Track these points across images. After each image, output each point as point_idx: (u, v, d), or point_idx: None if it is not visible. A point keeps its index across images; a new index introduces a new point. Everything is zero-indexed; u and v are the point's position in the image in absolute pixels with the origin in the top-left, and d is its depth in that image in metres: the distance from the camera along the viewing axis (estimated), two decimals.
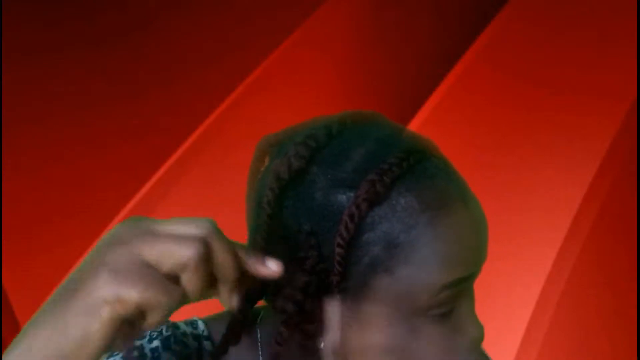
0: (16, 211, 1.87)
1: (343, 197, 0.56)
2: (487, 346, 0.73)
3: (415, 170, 0.57)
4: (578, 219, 1.72)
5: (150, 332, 0.65)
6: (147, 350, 0.64)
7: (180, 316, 0.67)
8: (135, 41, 2.13)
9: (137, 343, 0.64)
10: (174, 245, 0.49)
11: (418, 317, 0.58)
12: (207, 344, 0.66)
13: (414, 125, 1.89)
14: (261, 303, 0.61)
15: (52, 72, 2.05)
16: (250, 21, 2.18)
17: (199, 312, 0.70)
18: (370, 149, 0.57)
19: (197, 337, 0.66)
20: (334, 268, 0.56)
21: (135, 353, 0.63)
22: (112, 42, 2.11)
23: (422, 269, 0.56)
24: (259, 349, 0.63)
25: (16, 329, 1.76)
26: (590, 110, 1.86)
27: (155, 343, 0.64)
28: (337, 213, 0.56)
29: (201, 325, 0.67)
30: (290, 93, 2.14)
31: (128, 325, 0.49)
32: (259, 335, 0.64)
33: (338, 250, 0.55)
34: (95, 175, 2.00)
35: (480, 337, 0.61)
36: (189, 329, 0.66)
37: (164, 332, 0.65)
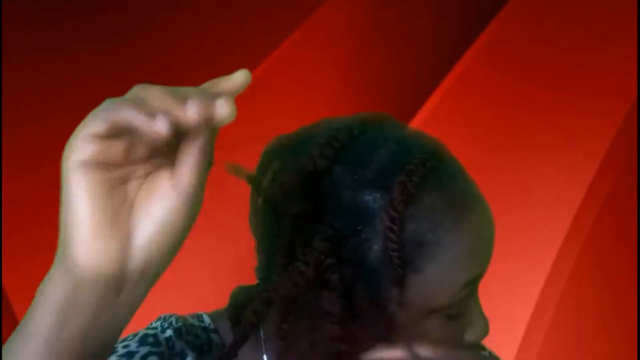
0: (16, 211, 1.87)
1: (369, 198, 0.56)
2: (487, 346, 0.73)
3: (437, 170, 0.58)
4: (578, 219, 1.72)
5: (162, 323, 0.65)
6: (161, 339, 0.64)
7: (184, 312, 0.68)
8: (135, 41, 2.13)
9: (151, 332, 0.64)
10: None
11: (434, 315, 0.59)
12: (214, 337, 0.66)
13: (414, 125, 1.89)
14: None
15: (52, 72, 2.05)
16: (250, 21, 2.18)
17: (200, 308, 0.70)
18: (392, 150, 0.58)
19: (205, 330, 0.67)
20: (368, 269, 0.56)
21: (150, 339, 0.64)
22: (112, 42, 2.11)
23: (448, 268, 0.57)
24: (263, 346, 0.64)
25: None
26: (590, 110, 1.86)
27: (169, 332, 0.64)
28: (363, 214, 0.56)
29: (207, 319, 0.68)
30: (290, 93, 2.14)
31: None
32: (262, 333, 0.64)
33: (394, 254, 0.55)
34: None
35: (486, 333, 0.62)
36: (196, 322, 0.67)
37: (174, 323, 0.65)
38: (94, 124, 0.43)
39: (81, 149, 0.43)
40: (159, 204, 0.45)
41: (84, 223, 0.43)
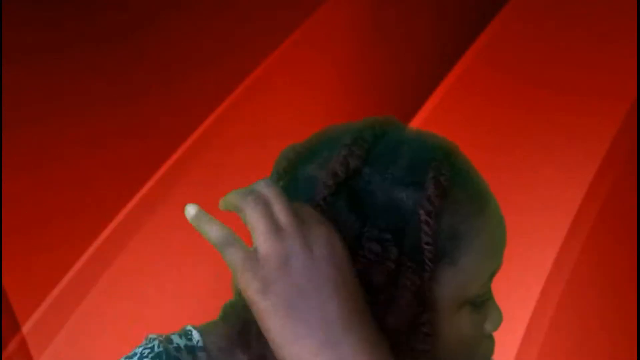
0: (16, 211, 1.87)
1: (403, 195, 0.57)
2: None
3: (456, 164, 0.60)
4: (578, 219, 1.72)
5: (142, 349, 0.63)
6: None
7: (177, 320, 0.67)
8: (135, 41, 2.13)
9: None
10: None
11: (464, 307, 0.61)
12: (202, 356, 0.65)
13: (414, 125, 1.89)
14: None
15: (52, 72, 2.05)
16: (250, 21, 2.18)
17: (201, 310, 0.70)
18: (414, 148, 0.60)
19: (192, 350, 0.65)
20: (408, 265, 0.57)
21: None
22: (112, 42, 2.11)
23: (479, 258, 0.59)
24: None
25: (16, 328, 1.77)
26: (590, 110, 1.86)
27: None
28: (400, 211, 0.57)
29: (196, 336, 0.66)
30: (290, 93, 2.14)
31: None
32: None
33: (427, 247, 0.57)
34: (95, 175, 1.99)
35: (501, 322, 0.65)
36: (182, 342, 0.65)
37: (155, 348, 0.63)
38: None
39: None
40: None
41: None
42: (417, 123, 1.91)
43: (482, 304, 0.62)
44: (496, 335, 0.66)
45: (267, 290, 0.50)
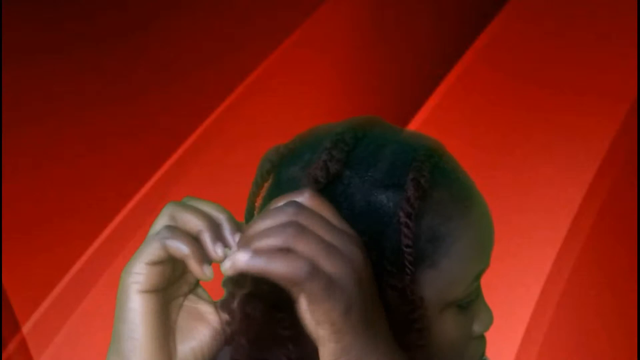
0: (16, 211, 1.87)
1: (383, 197, 0.57)
2: (487, 346, 0.73)
3: (439, 165, 0.59)
4: (578, 219, 1.72)
5: None
6: None
7: None
8: (135, 41, 2.13)
9: None
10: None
11: (448, 309, 0.60)
12: None
13: (414, 125, 1.89)
14: None
15: (52, 72, 2.05)
16: (250, 21, 2.18)
17: None
18: (395, 149, 0.59)
19: None
20: (388, 268, 0.56)
21: None
22: (112, 42, 2.11)
23: (461, 260, 0.58)
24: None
25: (16, 329, 1.77)
26: (590, 110, 1.86)
27: None
28: (380, 214, 0.57)
29: None
30: (290, 93, 2.14)
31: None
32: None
33: (407, 250, 0.56)
34: (95, 175, 2.00)
35: (491, 322, 0.64)
36: None
37: None
38: (153, 252, 0.53)
39: (142, 276, 0.53)
40: (203, 326, 0.56)
41: (142, 347, 0.53)
42: (417, 123, 1.91)
43: (468, 305, 0.61)
44: (496, 335, 0.65)
45: (350, 310, 0.50)
